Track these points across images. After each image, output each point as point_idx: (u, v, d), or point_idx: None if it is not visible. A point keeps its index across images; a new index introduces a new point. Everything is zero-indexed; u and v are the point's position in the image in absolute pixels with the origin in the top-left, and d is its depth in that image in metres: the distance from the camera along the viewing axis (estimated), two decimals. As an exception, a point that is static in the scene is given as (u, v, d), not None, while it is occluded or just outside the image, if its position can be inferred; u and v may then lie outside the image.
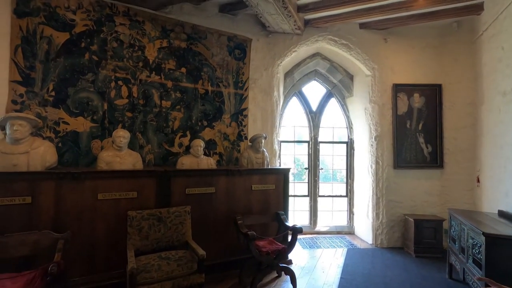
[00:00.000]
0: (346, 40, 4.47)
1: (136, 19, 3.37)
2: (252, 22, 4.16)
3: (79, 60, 3.07)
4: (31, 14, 2.86)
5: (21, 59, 2.83)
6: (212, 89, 3.88)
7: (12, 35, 2.79)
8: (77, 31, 3.06)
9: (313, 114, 5.26)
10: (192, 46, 3.73)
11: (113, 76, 3.25)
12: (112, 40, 3.24)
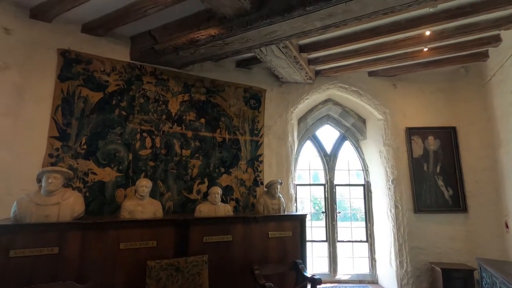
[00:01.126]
0: (356, 87, 4.69)
1: (162, 77, 3.74)
2: (266, 74, 4.48)
3: (109, 116, 3.39)
4: (72, 78, 3.25)
5: (60, 117, 3.16)
6: (229, 137, 4.09)
7: (55, 96, 3.16)
8: (109, 91, 3.42)
9: (328, 157, 5.32)
10: (211, 99, 4.03)
11: (139, 129, 3.53)
12: (140, 97, 3.58)
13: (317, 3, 2.47)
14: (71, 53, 3.27)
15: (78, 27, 3.34)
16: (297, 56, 3.71)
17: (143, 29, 3.41)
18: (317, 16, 2.63)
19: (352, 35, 3.51)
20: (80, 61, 3.31)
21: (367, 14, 2.60)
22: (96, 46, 3.43)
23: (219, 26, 2.92)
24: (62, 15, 3.11)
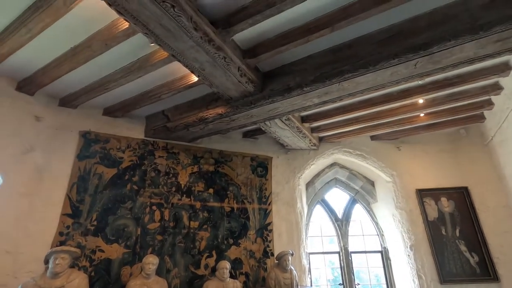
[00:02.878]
0: (360, 151, 4.80)
1: (173, 151, 3.96)
2: (272, 143, 4.69)
3: (121, 191, 3.51)
4: (89, 157, 3.48)
5: (74, 194, 3.28)
6: (237, 206, 4.08)
7: (72, 175, 3.34)
8: (123, 166, 3.61)
9: (340, 222, 5.15)
10: (219, 169, 4.17)
11: (149, 202, 3.60)
12: (151, 171, 3.75)
13: (313, 84, 2.74)
14: (91, 134, 3.57)
15: (99, 111, 3.71)
16: (299, 126, 3.94)
17: (157, 110, 3.77)
18: (314, 94, 2.89)
19: (349, 106, 3.76)
20: (98, 141, 3.58)
21: (359, 90, 2.85)
22: (114, 126, 3.76)
23: (225, 105, 3.21)
24: (87, 103, 3.49)
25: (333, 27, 2.30)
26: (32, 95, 3.29)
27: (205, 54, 2.38)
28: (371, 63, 2.46)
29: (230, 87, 2.87)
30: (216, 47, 2.34)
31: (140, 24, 2.08)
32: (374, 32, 2.50)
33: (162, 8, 1.93)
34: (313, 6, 2.21)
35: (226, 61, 2.51)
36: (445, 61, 2.43)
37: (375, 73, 2.52)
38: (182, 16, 2.02)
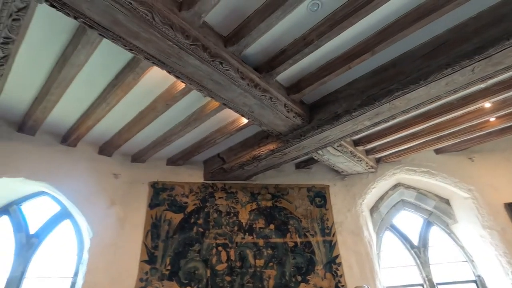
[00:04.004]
0: (425, 168, 4.41)
1: (231, 191, 4.13)
2: (326, 170, 4.59)
3: (189, 234, 3.71)
4: (159, 205, 3.81)
5: (149, 241, 3.57)
6: (301, 240, 3.98)
7: (146, 223, 3.67)
8: (188, 211, 3.86)
9: (417, 249, 4.62)
10: (277, 203, 4.18)
11: (214, 243, 3.73)
12: (213, 212, 3.92)
13: (361, 108, 2.72)
14: (159, 183, 3.94)
15: (164, 162, 4.11)
16: (353, 151, 3.83)
17: (213, 154, 4.04)
18: (364, 117, 2.84)
19: (404, 122, 3.57)
20: (165, 189, 3.93)
21: (413, 106, 2.72)
22: (177, 174, 4.10)
23: (276, 141, 3.32)
24: (153, 156, 3.92)
25: (373, 51, 2.32)
26: (110, 156, 3.82)
27: (252, 98, 2.56)
28: (421, 77, 2.37)
29: (279, 123, 2.99)
30: (262, 90, 2.52)
31: (195, 82, 2.36)
32: (417, 48, 2.44)
33: (213, 66, 2.19)
34: (349, 35, 2.27)
35: (273, 101, 2.65)
36: (508, 61, 2.23)
37: (427, 86, 2.42)
38: (230, 70, 2.25)
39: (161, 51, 2.05)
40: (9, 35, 1.77)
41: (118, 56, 2.36)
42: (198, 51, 2.06)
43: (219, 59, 2.17)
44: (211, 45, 2.11)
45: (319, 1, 2.01)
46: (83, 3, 1.69)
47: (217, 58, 2.16)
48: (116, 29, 1.87)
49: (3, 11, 1.61)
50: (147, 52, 2.06)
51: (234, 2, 2.00)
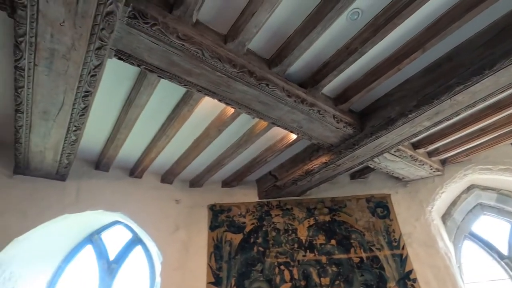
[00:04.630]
0: (504, 165, 3.87)
1: (286, 208, 4.10)
2: (385, 178, 4.31)
3: (250, 254, 3.75)
4: (219, 226, 3.94)
5: (213, 263, 3.69)
6: (367, 255, 3.73)
7: (208, 245, 3.81)
8: (247, 230, 3.92)
9: (508, 260, 4.00)
10: (335, 217, 4.02)
11: (276, 262, 3.69)
12: (271, 230, 3.92)
13: (418, 108, 2.55)
14: (216, 206, 4.10)
15: (219, 184, 4.29)
16: (413, 154, 3.56)
17: (264, 172, 4.09)
18: (423, 118, 2.65)
19: (469, 118, 3.24)
20: (223, 211, 4.06)
21: (480, 99, 2.47)
22: (232, 195, 4.23)
23: (328, 153, 3.25)
24: (209, 180, 4.12)
25: (423, 48, 2.20)
26: (171, 184, 4.11)
27: (300, 113, 2.58)
28: (485, 67, 2.16)
29: (329, 135, 2.94)
30: (309, 104, 2.53)
31: (244, 106, 2.47)
32: (474, 37, 2.24)
33: (259, 89, 2.28)
34: (395, 37, 2.20)
35: (321, 114, 2.64)
36: None
37: (494, 75, 2.18)
38: (276, 90, 2.32)
39: (212, 82, 2.20)
40: (88, 89, 2.08)
41: (173, 92, 2.59)
42: (245, 77, 2.18)
43: (265, 81, 2.26)
44: (256, 70, 2.22)
45: (359, 10, 1.99)
46: (144, 52, 1.93)
47: (263, 81, 2.25)
48: (172, 69, 2.08)
49: (83, 70, 1.91)
50: (199, 85, 2.23)
51: (274, 26, 2.09)
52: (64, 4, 1.52)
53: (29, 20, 1.58)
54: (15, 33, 1.66)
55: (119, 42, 1.85)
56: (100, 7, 1.54)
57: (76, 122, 2.41)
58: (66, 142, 2.64)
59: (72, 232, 3.75)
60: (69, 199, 3.32)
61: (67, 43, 1.73)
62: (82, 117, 2.38)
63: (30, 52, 1.77)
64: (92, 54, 1.82)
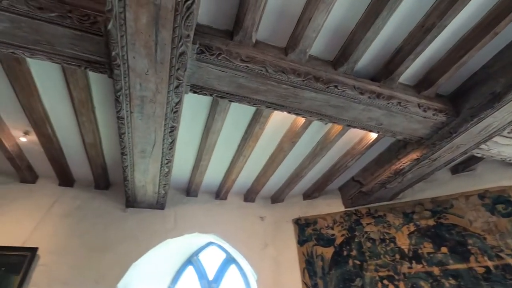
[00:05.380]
0: None
1: (378, 215, 3.73)
2: (499, 167, 3.54)
3: (345, 268, 3.49)
4: (307, 240, 3.82)
5: (308, 279, 3.55)
6: (494, 264, 3.05)
7: (300, 260, 3.71)
8: (338, 243, 3.68)
9: None
10: (441, 220, 3.45)
11: (377, 276, 3.34)
12: (365, 241, 3.60)
13: (533, 75, 2.05)
14: (301, 219, 4.00)
15: (300, 197, 4.20)
16: (535, 132, 2.84)
17: (346, 179, 3.84)
18: (543, 86, 2.12)
19: None
20: (308, 224, 3.94)
21: None
22: (315, 207, 4.08)
23: (418, 148, 2.86)
24: (289, 194, 4.08)
25: (527, 0, 1.79)
26: (254, 202, 4.22)
27: (377, 109, 2.37)
28: None
29: (416, 127, 2.60)
30: (386, 98, 2.30)
31: (314, 113, 2.40)
32: None
33: (328, 92, 2.19)
34: None
35: (402, 105, 2.37)
36: None
37: None
38: (346, 90, 2.19)
39: (279, 96, 2.22)
40: (173, 124, 2.33)
41: (244, 113, 2.71)
42: (311, 83, 2.13)
43: (333, 83, 2.16)
44: (322, 74, 2.15)
45: (430, -20, 1.76)
46: (214, 81, 2.08)
47: (330, 84, 2.16)
48: (240, 92, 2.17)
49: (167, 108, 2.17)
50: (268, 102, 2.27)
51: (333, 25, 2.01)
52: (146, 56, 1.76)
53: (123, 76, 1.88)
54: (114, 89, 1.99)
55: (192, 77, 2.04)
56: (174, 50, 1.73)
57: (166, 155, 2.72)
58: (161, 174, 2.99)
59: (175, 255, 4.15)
60: (169, 225, 3.72)
61: (152, 89, 1.99)
62: (171, 150, 2.67)
63: (126, 103, 2.09)
64: (172, 94, 2.04)
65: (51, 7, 1.67)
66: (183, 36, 1.65)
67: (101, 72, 1.98)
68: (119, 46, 1.68)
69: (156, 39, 1.67)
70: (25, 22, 1.69)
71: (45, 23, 1.70)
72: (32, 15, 1.66)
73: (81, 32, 1.76)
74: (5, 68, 2.16)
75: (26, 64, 2.17)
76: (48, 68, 2.21)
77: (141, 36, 1.64)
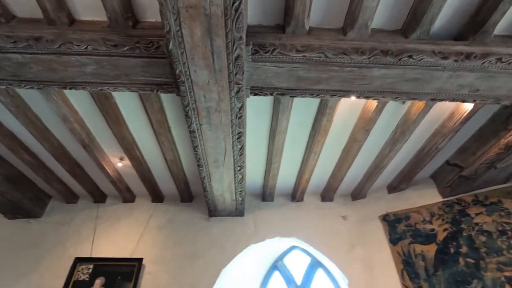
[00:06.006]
0: None
1: (490, 202, 3.07)
2: None
3: (456, 269, 2.95)
4: (401, 238, 3.39)
5: (408, 282, 3.13)
6: None
7: (395, 261, 3.31)
8: (440, 239, 3.16)
9: None
10: None
11: (502, 277, 2.72)
12: (477, 235, 2.99)
13: None
14: (389, 215, 3.59)
15: (385, 191, 3.79)
16: None
17: (439, 164, 3.31)
18: None
19: None
20: (399, 219, 3.50)
21: None
22: (404, 200, 3.61)
23: (536, 112, 2.27)
24: (371, 188, 3.72)
25: None
26: (332, 201, 3.98)
27: (469, 73, 1.97)
28: None
29: (529, 86, 2.06)
30: (479, 57, 1.89)
31: (388, 93, 2.13)
32: None
33: (401, 65, 1.92)
34: None
35: (503, 61, 1.91)
36: None
37: None
38: (424, 57, 1.88)
39: (343, 81, 2.04)
40: (239, 130, 2.37)
41: (308, 107, 2.59)
42: (378, 59, 1.89)
43: (405, 54, 1.88)
44: (390, 46, 1.89)
45: None
46: (272, 79, 2.03)
47: (403, 55, 1.88)
48: (301, 85, 2.08)
49: (232, 115, 2.21)
50: (331, 90, 2.11)
51: (396, -13, 1.76)
52: (206, 67, 1.83)
53: (188, 91, 1.99)
54: (183, 105, 2.13)
55: (251, 80, 2.04)
56: (229, 56, 1.76)
57: (238, 162, 2.78)
58: (236, 181, 3.08)
59: (260, 260, 4.19)
60: (250, 231, 3.78)
61: (215, 98, 2.05)
62: (241, 156, 2.72)
63: (195, 116, 2.21)
64: (234, 99, 2.07)
65: (123, 42, 1.89)
66: (236, 39, 1.66)
67: (169, 92, 2.15)
68: (181, 63, 1.79)
69: (212, 48, 1.72)
70: (106, 61, 1.96)
71: (120, 57, 1.93)
72: (110, 53, 1.90)
73: (148, 59, 1.94)
74: (98, 105, 2.54)
75: (113, 98, 2.52)
76: (128, 98, 2.52)
77: (198, 48, 1.71)
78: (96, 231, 3.81)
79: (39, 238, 3.74)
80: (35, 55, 1.91)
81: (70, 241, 3.70)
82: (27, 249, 3.65)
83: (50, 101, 2.44)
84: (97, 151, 3.08)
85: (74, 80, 2.07)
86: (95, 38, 1.89)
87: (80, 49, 1.89)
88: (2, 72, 2.02)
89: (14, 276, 3.45)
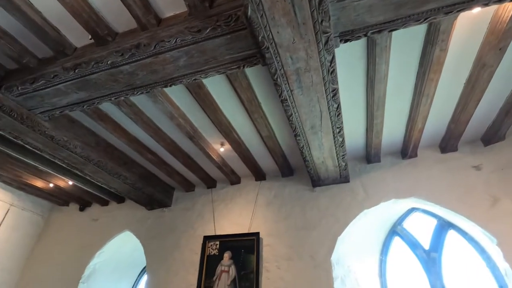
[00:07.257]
0: None
1: None
2: None
3: None
4: None
5: None
6: None
7: None
8: None
9: None
10: None
11: None
12: None
13: None
14: None
15: None
16: None
17: None
18: None
19: None
20: None
21: None
22: None
23: None
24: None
25: None
26: (456, 150, 3.33)
27: None
28: None
29: None
30: None
31: (535, -15, 1.55)
32: None
33: None
34: None
35: None
36: None
37: None
38: None
39: (463, -12, 1.58)
40: (333, 87, 2.17)
41: (412, 40, 2.16)
42: None
43: None
44: None
45: None
46: (365, 15, 1.74)
47: None
48: (402, 11, 1.72)
49: (323, 71, 2.02)
50: (445, 6, 1.67)
51: None
52: (288, 24, 1.70)
53: (274, 56, 1.91)
54: (270, 74, 2.06)
55: (339, 24, 1.80)
56: (312, 2, 1.57)
57: (336, 124, 2.58)
58: (336, 145, 2.89)
59: (376, 226, 3.91)
60: (360, 196, 3.54)
61: (303, 57, 1.91)
62: (339, 117, 2.51)
63: (285, 83, 2.12)
64: (323, 52, 1.88)
65: (204, 25, 1.93)
66: (316, -21, 1.46)
67: (255, 64, 2.11)
68: (262, 27, 1.71)
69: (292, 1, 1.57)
70: (194, 49, 2.05)
71: (205, 41, 1.98)
72: (195, 40, 1.98)
73: (230, 34, 1.93)
74: (194, 96, 2.73)
75: (205, 87, 2.67)
76: (217, 82, 2.62)
77: (277, 4, 1.59)
78: (214, 212, 4.26)
79: (173, 223, 4.44)
80: (138, 62, 2.15)
81: (197, 223, 4.26)
82: (167, 233, 4.38)
83: (157, 103, 2.75)
84: (202, 140, 3.37)
85: (172, 76, 2.25)
86: (180, 29, 1.99)
87: (170, 44, 2.02)
88: (119, 84, 2.36)
89: (163, 255, 4.20)
